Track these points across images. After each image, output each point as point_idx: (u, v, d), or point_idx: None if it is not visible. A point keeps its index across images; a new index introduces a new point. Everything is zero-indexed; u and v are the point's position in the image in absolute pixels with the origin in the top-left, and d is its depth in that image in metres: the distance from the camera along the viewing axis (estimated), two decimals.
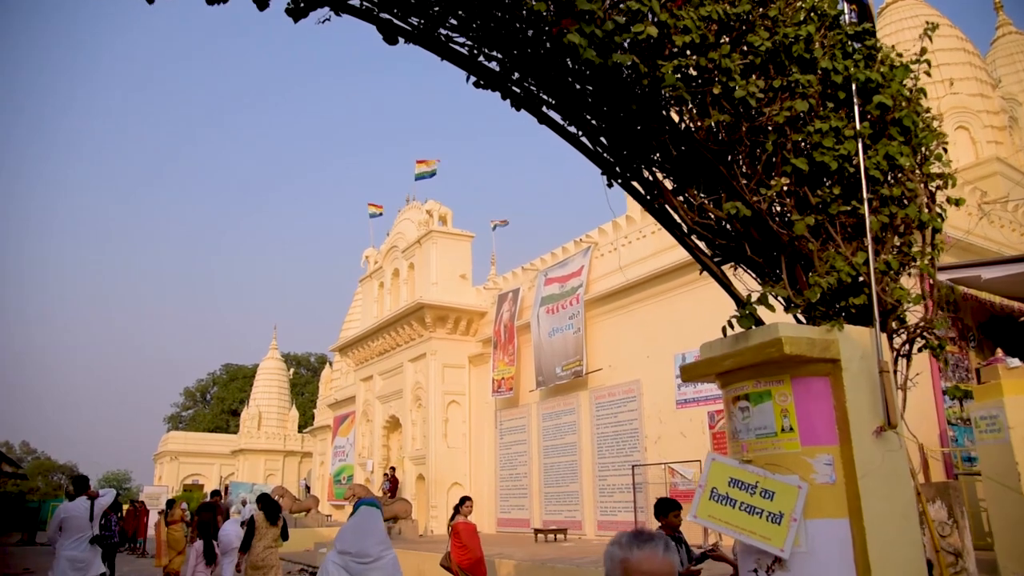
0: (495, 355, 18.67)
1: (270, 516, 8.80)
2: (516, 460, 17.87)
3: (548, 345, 16.72)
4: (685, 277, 13.91)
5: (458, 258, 20.83)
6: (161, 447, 44.37)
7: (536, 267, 18.17)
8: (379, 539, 3.91)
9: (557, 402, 16.74)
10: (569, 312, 16.24)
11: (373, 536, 3.88)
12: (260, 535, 8.69)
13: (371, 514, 3.97)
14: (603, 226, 16.33)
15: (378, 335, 22.06)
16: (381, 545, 3.88)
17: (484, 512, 18.74)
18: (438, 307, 19.45)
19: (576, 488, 15.73)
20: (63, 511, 7.83)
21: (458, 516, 8.07)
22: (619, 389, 15.05)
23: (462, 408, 19.86)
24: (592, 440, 15.50)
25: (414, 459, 19.92)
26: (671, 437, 13.67)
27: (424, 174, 23.28)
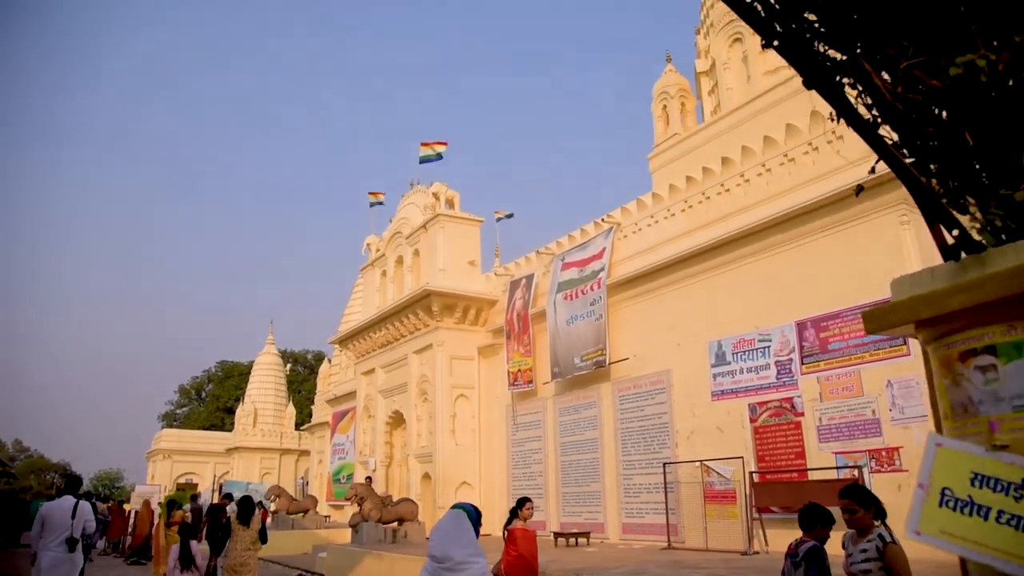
0: (509, 345, 17.45)
1: (242, 517, 8.46)
2: (530, 458, 16.67)
3: (566, 334, 15.52)
4: (719, 258, 12.75)
5: (466, 243, 19.61)
6: (154, 445, 43.06)
7: (552, 251, 16.97)
8: (465, 543, 3.53)
9: (576, 395, 15.53)
10: (589, 298, 15.03)
11: (459, 540, 3.54)
12: (236, 537, 8.40)
13: (457, 517, 3.65)
14: (627, 205, 15.13)
15: (381, 326, 20.83)
16: (467, 550, 3.50)
17: (495, 513, 17.53)
18: (446, 294, 18.22)
19: (598, 488, 14.53)
20: (45, 509, 7.62)
21: (516, 520, 6.86)
22: (646, 380, 13.85)
23: (471, 402, 18.64)
24: (615, 436, 14.30)
25: (420, 457, 18.71)
26: (705, 432, 12.49)
27: (429, 157, 22.02)
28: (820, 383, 10.83)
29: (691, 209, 13.67)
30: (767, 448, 11.41)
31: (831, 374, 10.71)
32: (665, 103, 15.79)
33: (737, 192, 12.80)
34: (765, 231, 11.93)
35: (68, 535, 7.50)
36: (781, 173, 12.10)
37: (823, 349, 10.88)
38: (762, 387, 11.66)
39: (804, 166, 11.75)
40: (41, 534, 7.50)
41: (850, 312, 10.57)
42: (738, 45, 14.68)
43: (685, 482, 12.59)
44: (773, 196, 12.07)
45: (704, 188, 13.39)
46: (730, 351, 12.32)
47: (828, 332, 10.86)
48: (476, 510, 3.78)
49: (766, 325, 11.79)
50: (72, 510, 7.59)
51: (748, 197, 12.55)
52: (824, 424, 10.68)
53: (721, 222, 12.85)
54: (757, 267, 12.15)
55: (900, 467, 9.69)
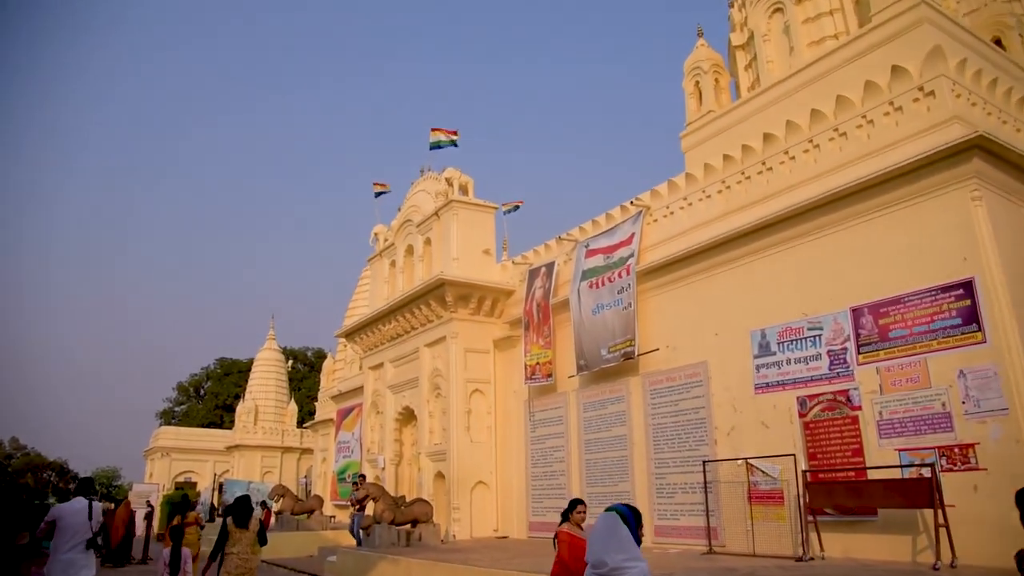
0: (527, 337, 16.56)
1: (238, 519, 8.11)
2: (551, 456, 15.78)
3: (591, 324, 14.64)
4: (761, 241, 11.88)
5: (481, 231, 18.72)
6: (152, 443, 42.15)
7: (574, 238, 16.07)
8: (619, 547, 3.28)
9: (601, 389, 14.65)
10: (617, 286, 14.15)
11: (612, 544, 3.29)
12: (232, 540, 8.02)
13: (610, 520, 3.41)
14: (657, 188, 14.23)
15: (390, 318, 19.92)
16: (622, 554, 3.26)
17: (513, 515, 16.68)
18: (461, 284, 17.31)
19: (627, 488, 13.65)
20: (57, 512, 7.49)
21: (565, 524, 5.99)
22: (680, 373, 12.97)
23: (487, 398, 17.75)
24: (646, 432, 13.42)
25: (432, 455, 17.81)
26: (748, 428, 11.61)
27: (440, 143, 21.12)
28: (880, 374, 9.95)
29: (729, 190, 12.78)
30: (819, 445, 10.53)
31: (893, 364, 9.83)
32: (698, 79, 14.88)
33: (781, 170, 11.91)
34: (814, 211, 11.05)
35: (88, 536, 7.40)
36: (831, 149, 11.22)
37: (883, 337, 10.00)
38: (813, 379, 10.78)
39: (857, 140, 10.87)
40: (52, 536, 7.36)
41: (915, 296, 9.70)
42: (778, 15, 13.79)
43: (726, 481, 11.72)
44: (822, 173, 11.19)
45: (743, 167, 12.51)
46: (775, 341, 11.45)
47: (889, 318, 9.98)
48: (632, 511, 3.47)
49: (816, 312, 10.92)
50: (87, 511, 7.49)
51: (793, 175, 11.67)
52: (885, 419, 9.80)
53: (763, 203, 11.98)
54: (805, 250, 11.27)
55: (976, 465, 8.81)
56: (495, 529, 16.91)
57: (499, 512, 17.03)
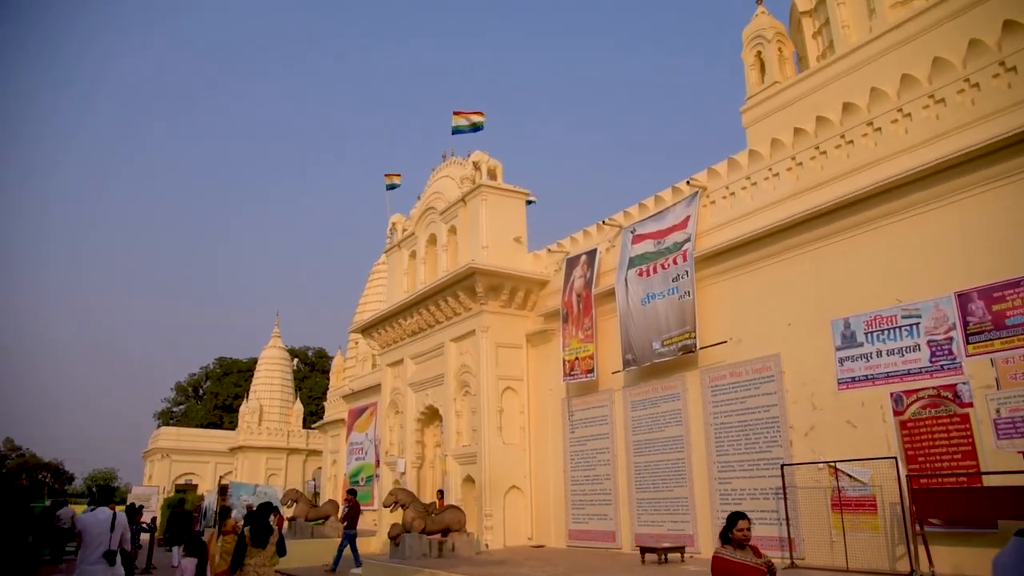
0: (565, 331, 15.38)
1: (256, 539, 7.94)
2: (594, 458, 14.59)
3: (640, 316, 13.47)
4: (842, 222, 10.76)
5: (511, 218, 17.54)
6: (151, 444, 40.84)
7: (618, 223, 14.90)
8: None
9: (653, 386, 13.48)
10: (671, 273, 12.99)
11: None
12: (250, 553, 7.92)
13: None
14: (714, 166, 13.07)
15: (412, 311, 18.72)
16: None
17: (550, 522, 15.49)
18: (493, 273, 16.12)
19: (684, 493, 12.48)
20: (82, 523, 7.46)
21: (725, 548, 4.76)
22: (747, 367, 11.81)
23: (519, 396, 16.56)
24: (707, 432, 12.26)
25: (460, 457, 16.61)
26: (831, 427, 10.46)
27: (462, 127, 19.97)
28: (996, 366, 8.80)
29: (801, 167, 11.63)
30: (920, 446, 9.37)
31: (1012, 355, 8.68)
32: (759, 49, 13.72)
33: (864, 143, 10.76)
34: (907, 186, 9.91)
35: (106, 548, 7.30)
36: (926, 118, 10.07)
37: (998, 324, 8.85)
38: (911, 372, 9.63)
39: (959, 108, 9.72)
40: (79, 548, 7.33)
41: None
42: None
43: (804, 487, 10.56)
44: (916, 145, 10.05)
45: (818, 141, 11.36)
46: (862, 330, 10.29)
47: (1005, 304, 8.84)
48: None
49: (912, 298, 9.77)
50: (110, 522, 7.40)
51: (880, 148, 10.52)
52: (1004, 417, 8.65)
53: (844, 179, 10.83)
54: (896, 230, 10.12)
55: None
56: (529, 537, 15.72)
57: (534, 519, 15.83)
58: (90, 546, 7.30)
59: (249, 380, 56.47)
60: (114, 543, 7.46)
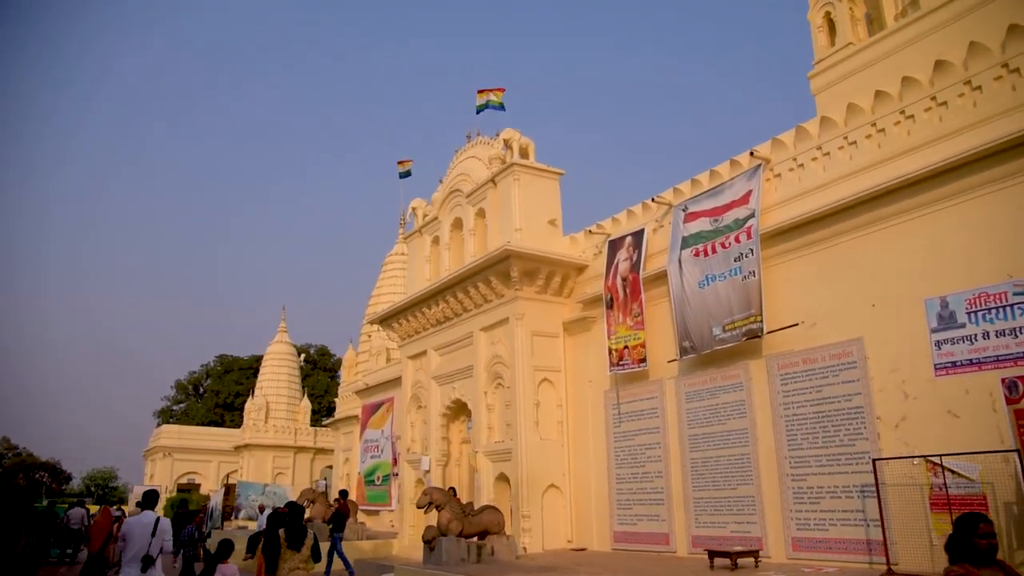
0: (610, 317, 14.31)
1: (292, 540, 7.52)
2: (643, 454, 13.53)
3: (697, 299, 12.42)
4: (936, 191, 9.73)
5: (546, 199, 16.48)
6: (153, 442, 39.70)
7: (666, 200, 13.85)
8: None
9: (711, 375, 12.42)
10: (733, 252, 11.93)
11: None
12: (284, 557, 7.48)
13: None
14: (780, 136, 12.02)
15: (437, 299, 17.64)
16: None
17: (591, 523, 14.42)
18: (530, 256, 15.05)
19: (750, 492, 11.43)
20: (127, 525, 7.54)
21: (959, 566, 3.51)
22: (823, 353, 10.76)
23: (556, 388, 15.49)
24: (776, 425, 11.20)
25: (492, 454, 15.53)
26: (927, 417, 9.42)
27: (489, 103, 18.96)
28: None
29: (883, 133, 10.58)
30: None
31: None
32: (828, 9, 12.69)
33: (960, 104, 9.72)
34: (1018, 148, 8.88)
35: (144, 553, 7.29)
36: None
37: None
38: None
39: None
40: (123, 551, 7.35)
41: None
42: None
43: (895, 484, 9.49)
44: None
45: (904, 105, 10.31)
46: (963, 309, 9.25)
47: None
48: None
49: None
50: (153, 527, 7.37)
51: (980, 109, 9.48)
52: None
53: (938, 143, 9.79)
54: (1004, 198, 9.08)
55: None
56: (569, 540, 14.65)
57: (574, 520, 14.76)
58: (130, 549, 7.32)
59: (251, 378, 55.38)
60: (154, 549, 7.37)
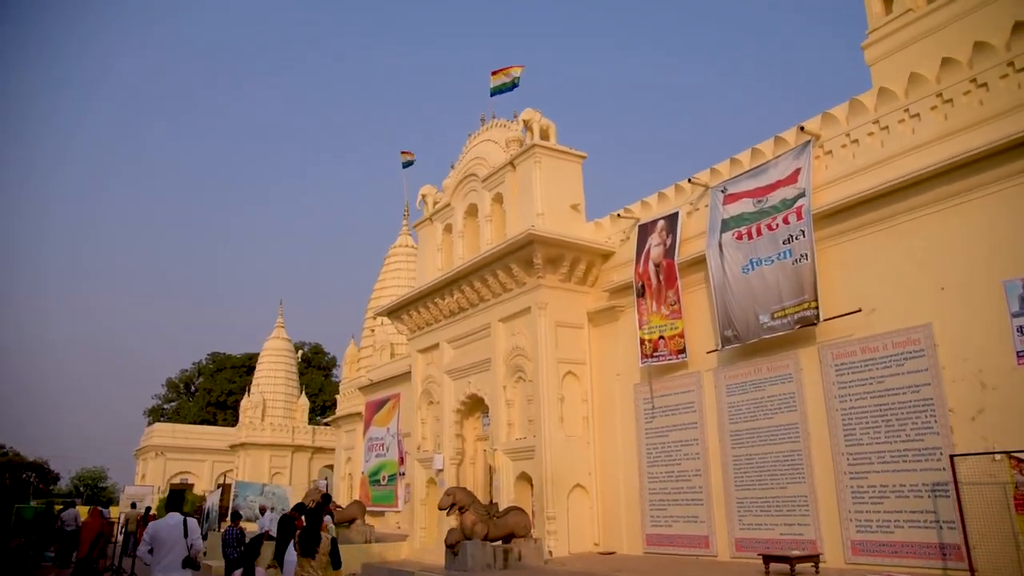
0: (642, 306, 13.49)
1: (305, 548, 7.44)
2: (678, 451, 12.70)
3: (743, 285, 11.61)
4: (1007, 166, 8.97)
5: (568, 183, 15.63)
6: (144, 441, 38.60)
7: (702, 182, 13.04)
8: None
9: (755, 366, 11.61)
10: (781, 234, 11.13)
11: None
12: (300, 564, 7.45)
13: None
14: (831, 111, 11.23)
15: (450, 289, 16.77)
16: None
17: (621, 525, 13.59)
18: (555, 242, 14.21)
19: (802, 491, 10.62)
20: (154, 528, 7.28)
21: None
22: (885, 341, 9.97)
23: (581, 382, 14.64)
24: (830, 419, 10.40)
25: (513, 452, 14.67)
26: (1008, 409, 8.65)
27: (503, 87, 18.10)
28: None
29: (949, 104, 9.81)
30: None
31: None
32: None
33: None
34: None
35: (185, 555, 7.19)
36: None
37: None
38: None
39: None
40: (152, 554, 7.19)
41: None
42: None
43: (972, 483, 8.67)
44: None
45: (975, 73, 9.53)
46: None
47: None
48: None
49: None
50: (182, 527, 7.25)
51: None
52: None
53: (1016, 112, 9.02)
54: None
55: None
56: (596, 543, 13.81)
57: (601, 522, 13.92)
58: (160, 552, 7.11)
59: (244, 376, 54.30)
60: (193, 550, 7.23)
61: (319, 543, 7.95)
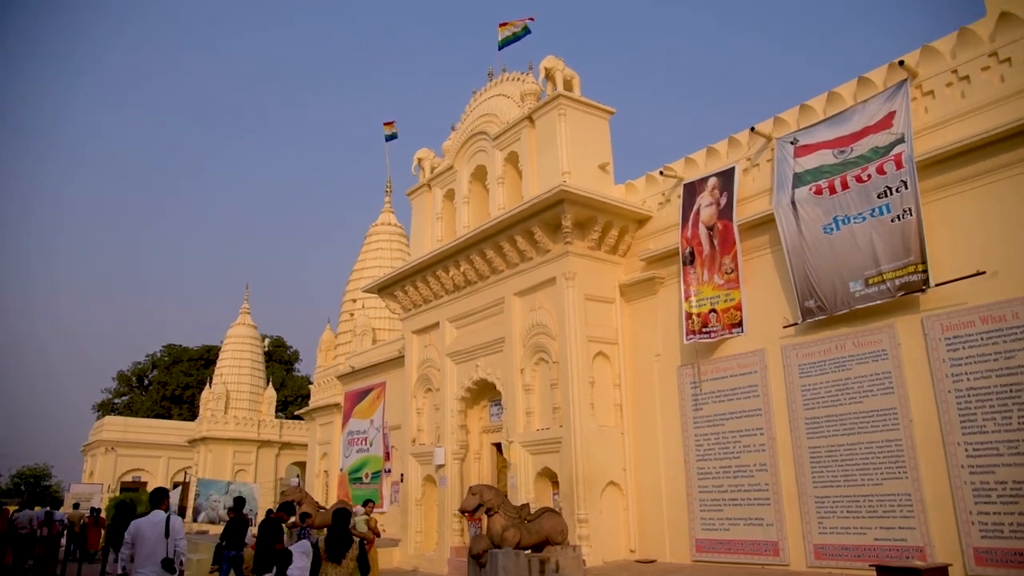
0: (688, 276, 11.72)
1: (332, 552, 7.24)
2: (736, 443, 10.96)
3: (825, 247, 9.92)
4: None
5: (596, 140, 13.78)
6: (93, 436, 35.60)
7: (764, 133, 11.31)
8: None
9: (838, 342, 9.92)
10: (875, 186, 9.45)
11: None
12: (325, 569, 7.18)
13: None
14: (933, 44, 9.60)
15: (457, 259, 14.78)
16: None
17: (662, 529, 11.81)
18: (590, 202, 12.34)
19: (903, 488, 8.95)
20: (135, 527, 6.79)
21: None
22: (1011, 309, 8.34)
23: (612, 365, 12.81)
24: (942, 402, 8.75)
25: (533, 445, 12.77)
26: None
27: (512, 37, 16.26)
28: None
29: None
30: None
31: None
32: None
33: None
34: None
35: (163, 556, 6.65)
36: None
37: None
38: None
39: None
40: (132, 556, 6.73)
41: None
42: None
43: None
44: None
45: None
46: None
47: None
48: None
49: None
50: (164, 526, 6.73)
51: None
52: None
53: None
54: None
55: None
56: (632, 549, 12.00)
57: (637, 525, 12.10)
58: (141, 552, 6.70)
59: (201, 369, 51.20)
60: (169, 550, 6.70)
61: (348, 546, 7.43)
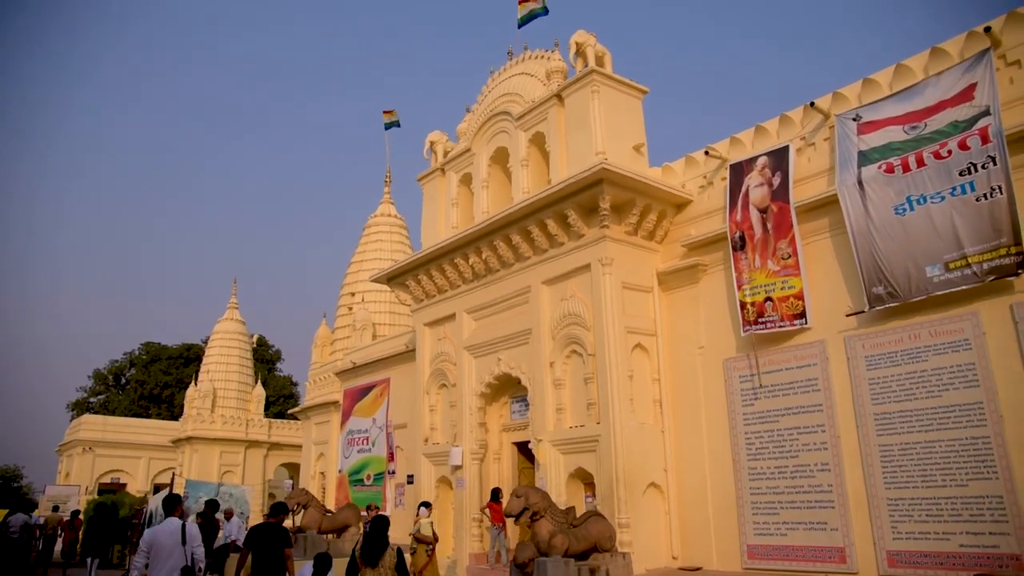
0: (739, 262, 10.94)
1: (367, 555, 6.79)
2: (795, 441, 10.19)
3: (898, 229, 9.19)
4: None
5: (630, 120, 12.97)
6: (69, 435, 34.07)
7: (822, 109, 10.56)
8: None
9: (913, 332, 9.19)
10: (957, 162, 8.74)
11: None
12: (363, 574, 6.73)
13: None
14: (1019, 9, 8.91)
15: (477, 246, 13.89)
16: None
17: (708, 534, 11.01)
18: (631, 183, 11.51)
19: (993, 489, 8.23)
20: (151, 535, 6.60)
21: None
22: None
23: (651, 358, 12.00)
24: None
25: (565, 444, 11.91)
26: None
27: (532, 14, 15.39)
28: None
29: None
30: None
31: None
32: None
33: None
34: None
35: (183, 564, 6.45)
36: None
37: None
38: None
39: None
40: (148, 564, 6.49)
41: None
42: None
43: None
44: None
45: None
46: None
47: None
48: None
49: None
50: (180, 534, 6.51)
51: None
52: None
53: None
54: None
55: None
56: (674, 556, 11.18)
57: (679, 530, 11.29)
58: (157, 561, 6.38)
59: (181, 368, 49.61)
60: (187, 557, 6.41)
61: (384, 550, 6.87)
